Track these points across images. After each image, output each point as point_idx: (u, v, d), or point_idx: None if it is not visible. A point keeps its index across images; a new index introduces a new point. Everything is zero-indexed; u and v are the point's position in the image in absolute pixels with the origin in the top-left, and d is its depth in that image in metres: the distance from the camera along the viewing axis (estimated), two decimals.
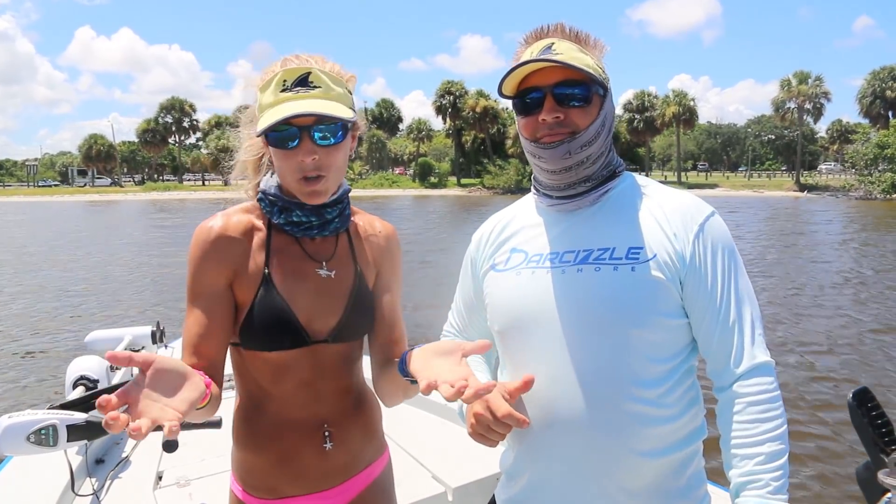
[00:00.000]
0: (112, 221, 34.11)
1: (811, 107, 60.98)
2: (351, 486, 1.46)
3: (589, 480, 1.25)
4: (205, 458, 2.50)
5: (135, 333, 3.71)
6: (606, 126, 1.30)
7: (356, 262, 1.44)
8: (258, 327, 1.30)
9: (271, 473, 1.39)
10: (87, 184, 78.18)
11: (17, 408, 4.96)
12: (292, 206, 1.35)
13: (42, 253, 19.90)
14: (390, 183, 69.58)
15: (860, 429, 1.14)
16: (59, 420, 1.82)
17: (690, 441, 1.28)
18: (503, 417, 1.19)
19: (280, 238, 1.37)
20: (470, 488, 2.33)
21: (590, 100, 1.26)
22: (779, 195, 55.33)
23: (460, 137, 70.16)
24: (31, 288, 13.91)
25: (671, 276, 1.22)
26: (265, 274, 1.32)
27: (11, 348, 9.10)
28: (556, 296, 1.27)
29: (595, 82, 1.26)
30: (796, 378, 7.05)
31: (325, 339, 1.36)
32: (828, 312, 10.42)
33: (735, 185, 65.57)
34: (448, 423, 2.92)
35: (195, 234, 1.33)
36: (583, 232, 1.30)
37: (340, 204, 1.40)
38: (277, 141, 1.26)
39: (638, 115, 66.56)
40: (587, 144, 1.27)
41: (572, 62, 1.23)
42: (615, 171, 1.34)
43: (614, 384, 1.22)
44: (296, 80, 1.26)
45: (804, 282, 13.25)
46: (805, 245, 19.42)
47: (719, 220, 1.28)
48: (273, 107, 1.24)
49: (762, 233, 23.55)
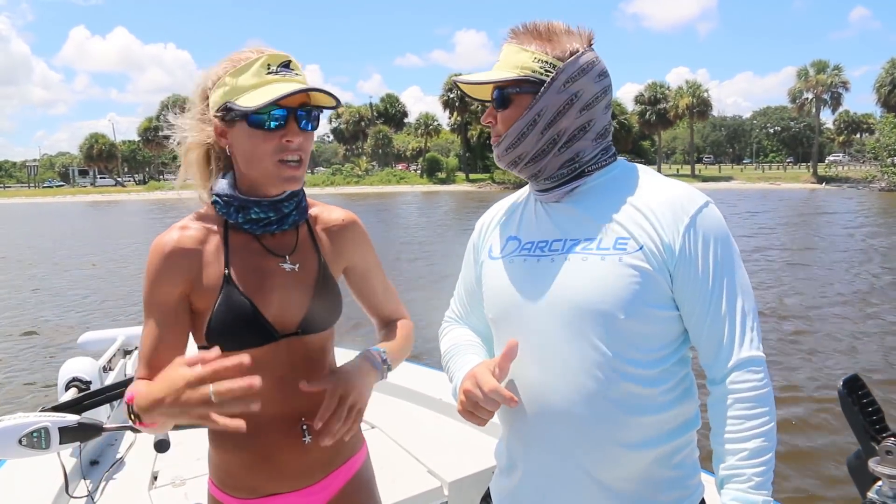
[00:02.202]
0: (114, 221, 34.36)
1: (829, 97, 60.59)
2: (332, 482, 1.48)
3: (579, 470, 1.26)
4: (199, 457, 2.52)
5: (128, 334, 3.73)
6: (540, 123, 1.29)
7: (319, 252, 1.46)
8: (223, 328, 1.32)
9: (251, 472, 1.40)
10: (89, 184, 78.69)
11: (8, 410, 5.02)
12: (249, 204, 1.36)
13: (39, 253, 20.05)
14: (398, 179, 69.61)
15: (851, 417, 1.14)
16: (50, 423, 1.84)
17: (683, 431, 1.29)
18: (489, 392, 1.22)
19: (238, 238, 1.39)
20: (465, 482, 2.35)
21: (507, 103, 1.31)
22: (797, 187, 55.04)
23: (466, 132, 70.15)
24: (24, 287, 14.05)
25: (659, 267, 1.22)
26: (225, 275, 1.34)
27: (2, 349, 9.19)
28: (543, 285, 1.28)
29: (517, 83, 1.29)
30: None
31: (294, 332, 1.38)
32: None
33: (751, 177, 65.29)
34: (443, 418, 2.94)
35: (151, 248, 1.35)
36: (572, 221, 1.32)
37: (296, 197, 1.42)
38: (258, 122, 1.28)
39: (650, 107, 66.34)
40: (511, 147, 1.32)
41: (488, 75, 1.32)
42: (585, 169, 1.33)
43: (603, 374, 1.22)
44: (280, 64, 1.30)
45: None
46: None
47: (713, 211, 1.27)
48: (260, 87, 1.27)
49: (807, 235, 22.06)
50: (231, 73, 1.30)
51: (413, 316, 1.71)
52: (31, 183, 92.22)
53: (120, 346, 3.59)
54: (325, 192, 60.33)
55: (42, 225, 33.99)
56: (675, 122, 69.20)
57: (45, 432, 1.82)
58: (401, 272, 13.99)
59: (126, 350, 3.69)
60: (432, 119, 74.38)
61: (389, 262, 15.54)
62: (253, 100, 1.25)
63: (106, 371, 3.13)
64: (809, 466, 5.16)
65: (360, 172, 71.13)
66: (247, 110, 1.26)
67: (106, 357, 3.28)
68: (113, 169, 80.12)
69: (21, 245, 22.92)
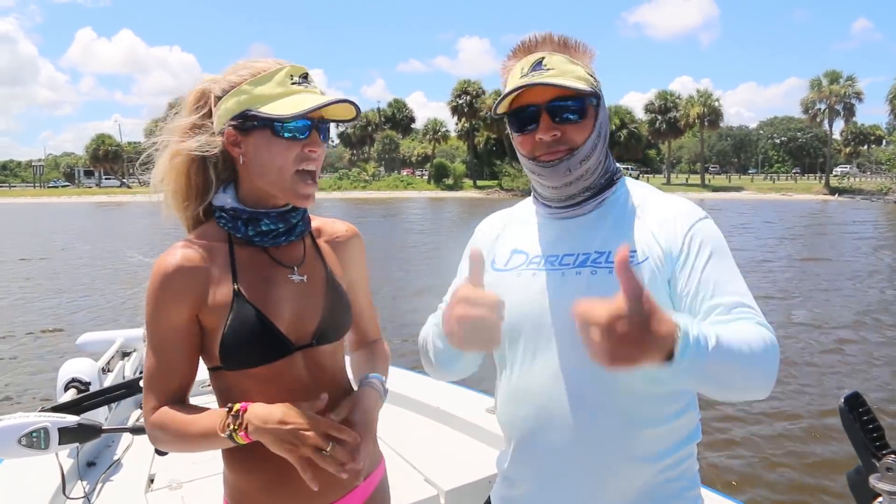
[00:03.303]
0: (118, 223, 34.51)
1: (841, 107, 60.42)
2: (349, 501, 1.45)
3: (583, 482, 1.27)
4: (196, 461, 2.53)
5: (127, 335, 3.77)
6: (602, 135, 1.33)
7: (325, 263, 1.46)
8: (238, 344, 1.30)
9: (270, 493, 1.37)
10: (94, 184, 79.09)
11: (7, 410, 5.04)
12: (259, 216, 1.35)
13: (40, 253, 20.16)
14: (405, 185, 69.73)
15: (851, 433, 1.14)
16: (50, 423, 1.85)
17: (684, 444, 1.30)
18: (472, 297, 1.12)
19: (244, 252, 1.37)
20: (462, 491, 2.35)
21: (584, 113, 1.29)
22: (809, 198, 54.89)
23: (473, 138, 70.29)
24: (24, 287, 14.15)
25: (662, 278, 1.24)
26: (235, 290, 1.32)
27: (2, 351, 9.23)
28: (554, 298, 1.29)
29: (588, 94, 1.29)
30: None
31: (309, 344, 1.37)
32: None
33: (761, 188, 65.17)
34: (440, 426, 2.95)
35: (153, 270, 1.31)
36: (581, 236, 1.33)
37: (301, 208, 1.42)
38: (285, 130, 1.28)
39: (660, 116, 66.32)
40: (585, 159, 1.30)
41: (565, 80, 1.25)
42: (612, 178, 1.37)
43: (609, 387, 1.24)
44: (301, 76, 1.31)
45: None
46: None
47: (711, 223, 1.30)
48: (286, 97, 1.28)
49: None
50: (250, 81, 1.29)
51: (416, 325, 1.70)
52: (37, 183, 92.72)
53: (118, 347, 3.62)
54: (331, 196, 60.41)
55: (59, 224, 34.20)
56: (685, 132, 69.17)
57: (44, 432, 1.83)
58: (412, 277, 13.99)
59: (124, 352, 3.72)
60: (441, 125, 74.63)
61: (402, 268, 15.57)
62: (284, 108, 1.26)
63: (105, 372, 3.15)
64: (812, 477, 5.21)
65: (366, 177, 71.28)
66: (281, 117, 1.26)
67: (105, 359, 3.30)
68: (118, 170, 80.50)
69: (33, 243, 23.09)
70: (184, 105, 1.40)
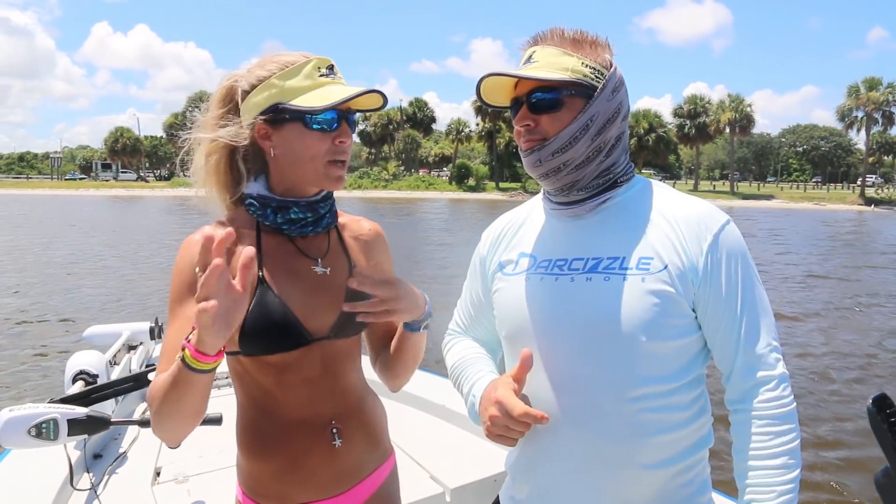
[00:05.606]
0: (134, 217, 34.84)
1: (880, 115, 59.59)
2: (358, 492, 1.49)
3: (593, 488, 1.28)
4: (203, 454, 2.57)
5: (133, 329, 3.84)
6: (592, 129, 1.29)
7: (349, 257, 1.49)
8: (258, 331, 1.33)
9: (281, 479, 1.41)
10: (111, 177, 79.86)
11: (17, 401, 5.11)
12: (289, 204, 1.39)
13: (45, 247, 20.46)
14: (426, 185, 69.67)
15: (880, 435, 1.14)
16: (60, 414, 1.88)
17: (696, 450, 1.31)
18: (520, 416, 1.23)
19: (271, 239, 1.41)
20: (468, 489, 2.37)
21: (559, 105, 1.29)
22: (843, 208, 54.09)
23: (493, 139, 70.13)
24: (33, 280, 14.33)
25: (683, 288, 1.24)
26: (259, 277, 1.35)
27: (11, 341, 9.38)
28: (564, 304, 1.30)
29: (572, 86, 1.29)
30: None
31: (326, 336, 1.40)
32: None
33: (793, 196, 64.35)
34: (446, 424, 2.97)
35: (181, 246, 1.35)
36: (592, 239, 1.33)
37: (329, 199, 1.46)
38: (317, 122, 1.33)
39: (690, 120, 65.72)
40: (559, 151, 1.29)
41: (536, 72, 1.28)
42: (616, 180, 1.35)
43: (621, 394, 1.25)
44: (327, 67, 1.36)
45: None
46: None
47: (734, 229, 1.29)
48: (316, 89, 1.32)
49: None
50: (279, 75, 1.33)
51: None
52: (54, 175, 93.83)
53: (125, 340, 3.69)
54: (352, 195, 60.40)
55: (86, 215, 34.63)
56: (715, 137, 68.47)
57: (54, 423, 1.86)
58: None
59: (131, 345, 3.79)
60: (464, 125, 74.51)
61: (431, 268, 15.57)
62: (314, 100, 1.30)
63: (112, 365, 3.21)
64: (836, 479, 5.25)
65: (387, 176, 71.38)
66: (313, 109, 1.30)
67: (112, 351, 3.36)
68: (136, 164, 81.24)
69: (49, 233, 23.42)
70: (211, 101, 1.44)
